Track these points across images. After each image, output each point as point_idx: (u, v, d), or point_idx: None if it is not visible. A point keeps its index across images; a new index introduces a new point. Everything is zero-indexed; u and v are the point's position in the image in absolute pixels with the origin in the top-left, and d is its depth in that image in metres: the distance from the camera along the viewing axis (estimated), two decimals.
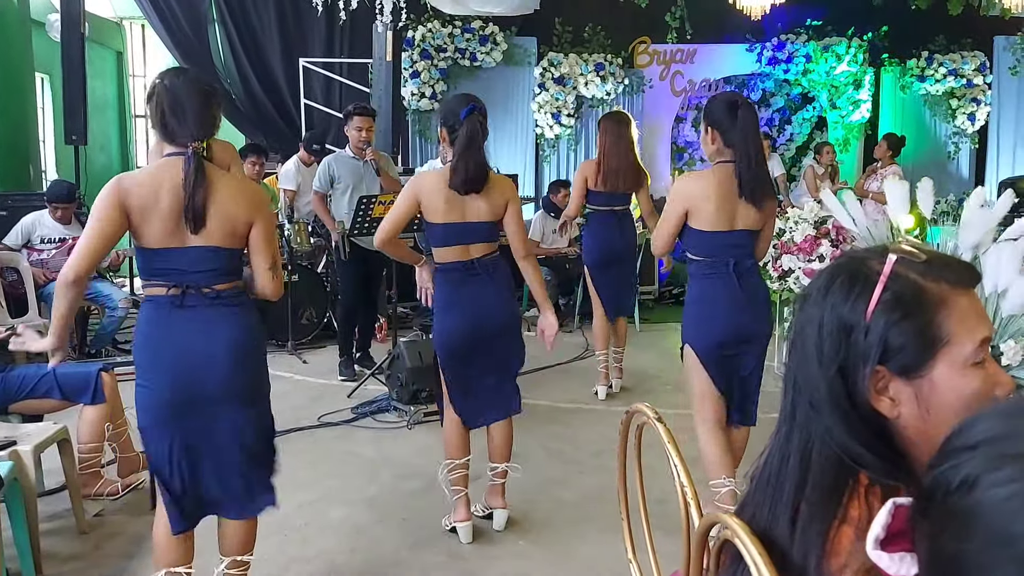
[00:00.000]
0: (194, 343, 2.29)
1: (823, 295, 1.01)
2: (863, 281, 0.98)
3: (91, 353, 5.84)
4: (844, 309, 0.98)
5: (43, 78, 8.51)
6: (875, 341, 0.96)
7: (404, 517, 3.45)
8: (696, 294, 3.15)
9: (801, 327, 1.03)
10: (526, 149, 9.51)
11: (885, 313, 0.96)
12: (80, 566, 3.02)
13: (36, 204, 5.92)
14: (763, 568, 0.94)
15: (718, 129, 3.02)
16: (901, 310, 0.96)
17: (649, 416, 1.57)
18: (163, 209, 2.24)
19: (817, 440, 0.99)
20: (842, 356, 0.98)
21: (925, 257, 0.99)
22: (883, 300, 0.96)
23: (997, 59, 9.94)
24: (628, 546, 1.85)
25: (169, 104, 2.29)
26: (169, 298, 2.29)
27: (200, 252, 2.29)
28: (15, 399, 3.39)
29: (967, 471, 0.63)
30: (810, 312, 1.02)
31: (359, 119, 5.22)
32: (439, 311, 3.22)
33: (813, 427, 1.00)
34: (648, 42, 9.64)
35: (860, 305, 0.97)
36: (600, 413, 4.85)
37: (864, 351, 0.97)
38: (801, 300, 1.05)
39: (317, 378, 5.49)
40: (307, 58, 8.91)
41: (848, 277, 1.00)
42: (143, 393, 2.32)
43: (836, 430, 0.98)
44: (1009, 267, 2.76)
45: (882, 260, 0.98)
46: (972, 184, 9.77)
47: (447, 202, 3.09)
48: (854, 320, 0.98)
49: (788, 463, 1.02)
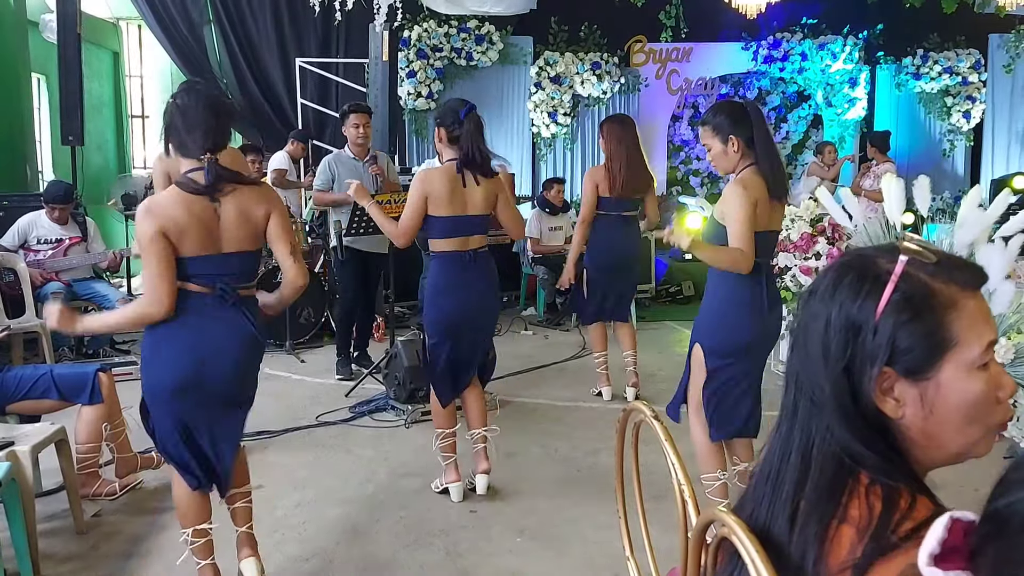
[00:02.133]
0: (219, 338, 2.51)
1: (831, 293, 1.00)
2: (873, 280, 0.97)
3: (89, 353, 5.83)
4: (853, 308, 0.97)
5: (39, 78, 8.49)
6: (883, 342, 0.95)
7: (402, 515, 3.45)
8: (727, 295, 3.00)
9: (806, 324, 1.02)
10: (522, 148, 9.52)
11: (894, 314, 0.95)
12: (78, 566, 3.02)
13: (33, 205, 5.91)
14: (760, 566, 0.94)
15: (741, 136, 2.93)
16: (911, 311, 0.95)
17: (646, 414, 1.58)
18: (195, 224, 2.43)
19: (818, 438, 0.99)
20: (849, 355, 0.97)
21: (936, 258, 0.97)
22: (893, 300, 0.95)
23: (992, 57, 9.96)
24: (626, 543, 1.86)
25: (183, 122, 2.47)
26: (202, 296, 2.49)
27: (231, 258, 2.52)
28: (13, 400, 3.38)
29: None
30: (816, 309, 1.01)
31: (355, 116, 5.22)
32: (437, 295, 3.51)
33: (814, 425, 1.00)
34: (644, 41, 9.65)
35: (869, 304, 0.96)
36: (598, 411, 4.86)
37: (872, 351, 0.96)
38: (807, 296, 1.04)
39: (315, 377, 5.50)
40: (303, 58, 8.91)
41: (857, 276, 0.98)
42: (159, 372, 2.50)
43: (837, 429, 0.97)
44: (998, 268, 2.78)
45: (892, 259, 0.97)
46: (967, 182, 9.81)
47: (451, 196, 3.38)
48: (862, 319, 0.96)
49: (788, 461, 1.01)
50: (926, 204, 3.68)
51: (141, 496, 3.62)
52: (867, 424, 0.97)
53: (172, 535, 3.24)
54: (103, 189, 9.03)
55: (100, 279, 6.02)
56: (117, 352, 6.04)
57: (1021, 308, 3.16)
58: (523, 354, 6.14)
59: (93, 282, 5.85)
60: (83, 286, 5.75)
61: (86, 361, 5.32)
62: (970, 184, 9.13)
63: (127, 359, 5.72)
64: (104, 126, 10.05)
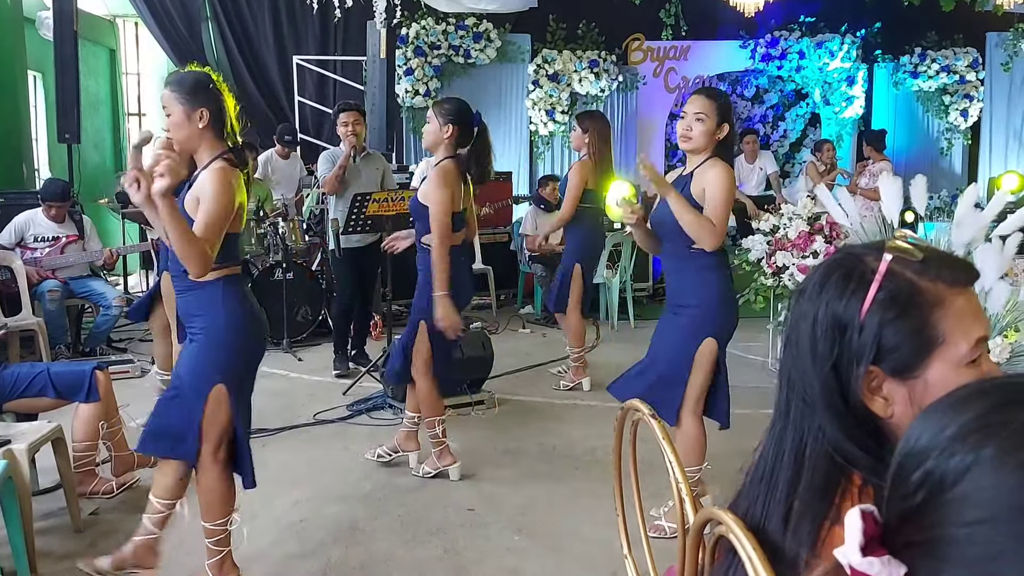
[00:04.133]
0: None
1: (818, 291, 0.99)
2: (858, 278, 0.97)
3: (85, 352, 5.82)
4: (839, 306, 0.97)
5: (35, 76, 8.46)
6: (869, 340, 0.95)
7: (399, 513, 3.45)
8: (724, 285, 3.14)
9: (796, 322, 1.02)
10: (520, 146, 9.51)
11: (880, 312, 0.95)
12: (75, 565, 3.01)
13: (29, 203, 5.89)
14: (758, 564, 0.94)
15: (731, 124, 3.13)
16: (896, 310, 0.94)
17: (644, 412, 1.58)
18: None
19: (810, 438, 0.98)
20: (836, 354, 0.96)
21: (922, 256, 0.97)
22: (878, 299, 0.95)
23: (989, 55, 9.96)
24: (623, 542, 1.85)
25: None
26: (239, 276, 2.66)
27: (239, 235, 2.68)
28: (9, 398, 3.38)
29: (957, 460, 0.63)
30: (805, 308, 1.00)
31: (344, 115, 5.27)
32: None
33: (807, 424, 0.99)
34: (642, 39, 9.64)
35: (855, 303, 0.96)
36: (595, 409, 4.86)
37: (858, 350, 0.95)
38: (797, 295, 1.04)
39: (312, 375, 5.49)
40: (301, 55, 8.89)
41: (844, 274, 0.98)
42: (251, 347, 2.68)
43: (829, 428, 0.97)
44: (993, 268, 2.78)
45: (878, 257, 0.97)
46: (965, 180, 9.81)
47: (460, 193, 3.60)
48: (848, 318, 0.96)
49: (782, 460, 1.01)
50: (923, 203, 3.67)
51: (138, 494, 3.61)
52: (858, 423, 0.97)
53: (168, 533, 3.23)
54: (99, 187, 9.01)
55: (96, 277, 6.02)
56: (114, 350, 6.03)
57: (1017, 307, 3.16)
58: (521, 352, 6.14)
59: (89, 280, 5.85)
60: (79, 284, 5.75)
61: (83, 359, 5.31)
62: (968, 183, 9.13)
63: (124, 358, 5.71)
64: (101, 124, 10.02)
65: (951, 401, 0.68)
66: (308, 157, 8.11)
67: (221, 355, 2.58)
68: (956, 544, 0.62)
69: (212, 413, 2.57)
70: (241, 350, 2.62)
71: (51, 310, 5.47)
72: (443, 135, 3.53)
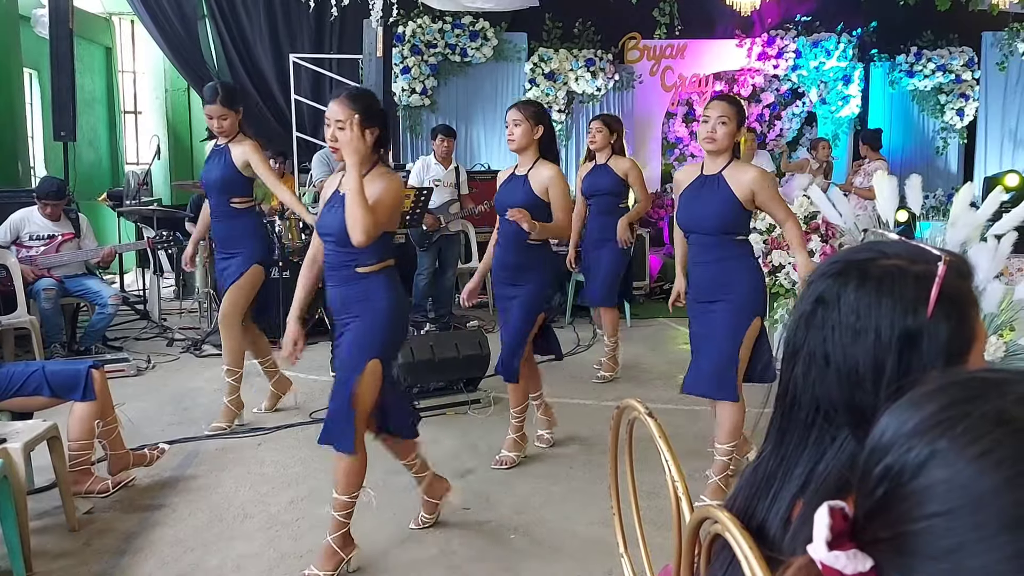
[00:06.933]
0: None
1: (870, 311, 0.96)
2: (913, 287, 0.95)
3: (81, 350, 5.80)
4: (908, 320, 0.94)
5: (31, 74, 8.45)
6: (942, 344, 0.94)
7: (395, 513, 3.45)
8: (753, 263, 3.41)
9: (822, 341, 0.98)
10: None
11: (943, 316, 0.94)
12: (70, 563, 3.01)
13: (25, 200, 5.89)
14: (754, 564, 0.94)
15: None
16: (955, 311, 0.94)
17: (640, 411, 1.58)
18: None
19: (830, 452, 0.98)
20: (904, 368, 0.94)
21: (948, 256, 0.96)
22: (939, 303, 0.94)
23: (985, 54, 9.99)
24: (620, 540, 1.86)
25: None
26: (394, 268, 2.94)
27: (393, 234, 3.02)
28: (4, 396, 3.37)
29: (915, 454, 0.64)
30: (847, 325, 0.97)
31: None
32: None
33: (827, 437, 0.98)
34: (638, 38, 9.65)
35: (922, 311, 0.94)
36: (591, 408, 4.86)
37: (931, 357, 0.94)
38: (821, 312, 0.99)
39: (309, 374, 5.48)
40: (297, 54, 8.88)
41: (898, 287, 0.96)
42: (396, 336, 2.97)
43: (853, 445, 0.95)
44: (989, 266, 2.79)
45: (914, 262, 0.96)
46: (961, 179, 9.82)
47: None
48: (917, 328, 0.94)
49: (791, 473, 1.00)
50: (918, 202, 3.68)
51: (133, 493, 3.61)
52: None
53: (164, 532, 3.23)
54: (95, 185, 9.00)
55: (92, 275, 6.01)
56: (109, 349, 6.02)
57: (1011, 306, 3.17)
58: None
59: (85, 278, 5.84)
60: (75, 282, 5.74)
61: (78, 358, 5.30)
62: (963, 182, 9.16)
63: (119, 356, 5.70)
64: (96, 122, 10.01)
65: (916, 396, 0.69)
66: (304, 156, 8.11)
67: (380, 336, 2.87)
68: (918, 537, 0.63)
69: (367, 384, 2.83)
70: (399, 329, 2.98)
71: (46, 308, 5.46)
72: (535, 135, 3.76)
